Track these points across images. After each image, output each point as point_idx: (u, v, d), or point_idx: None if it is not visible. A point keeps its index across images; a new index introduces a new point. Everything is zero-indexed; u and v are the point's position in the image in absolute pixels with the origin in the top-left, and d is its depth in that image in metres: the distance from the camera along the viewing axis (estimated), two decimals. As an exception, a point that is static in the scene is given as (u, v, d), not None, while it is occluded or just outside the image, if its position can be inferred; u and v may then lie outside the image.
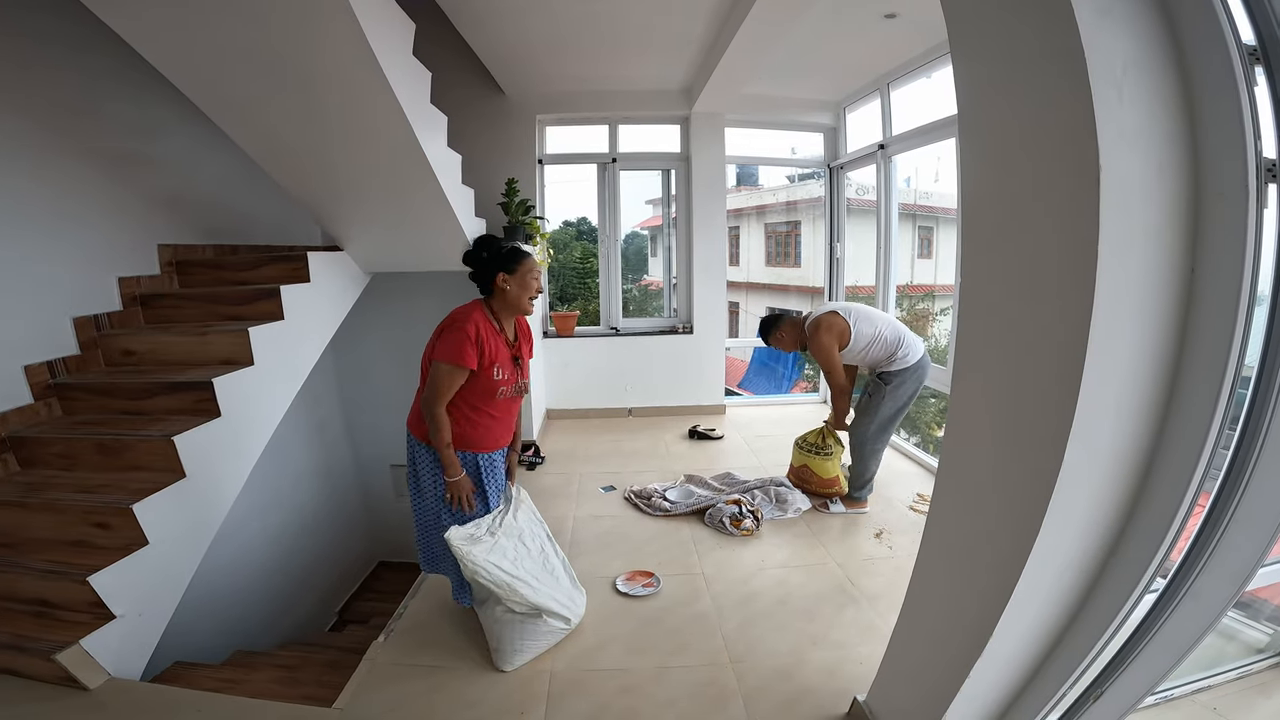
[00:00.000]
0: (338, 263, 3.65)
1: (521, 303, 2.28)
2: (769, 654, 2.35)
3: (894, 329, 3.34)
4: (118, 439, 2.46)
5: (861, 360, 3.41)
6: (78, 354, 2.80)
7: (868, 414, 3.39)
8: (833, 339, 3.29)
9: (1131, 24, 1.08)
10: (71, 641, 2.01)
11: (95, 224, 2.92)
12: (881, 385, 3.32)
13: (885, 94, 4.73)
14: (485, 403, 2.28)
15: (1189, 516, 1.20)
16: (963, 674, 1.50)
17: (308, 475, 4.84)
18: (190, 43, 2.21)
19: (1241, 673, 2.11)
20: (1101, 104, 1.04)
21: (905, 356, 3.27)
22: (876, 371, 3.38)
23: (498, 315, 2.29)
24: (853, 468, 3.56)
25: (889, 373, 3.30)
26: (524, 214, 4.51)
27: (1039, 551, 1.28)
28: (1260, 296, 1.08)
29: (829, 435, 3.67)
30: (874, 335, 3.30)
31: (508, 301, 2.27)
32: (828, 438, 3.67)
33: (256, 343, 2.84)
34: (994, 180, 1.38)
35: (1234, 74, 1.03)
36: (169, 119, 3.20)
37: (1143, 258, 1.12)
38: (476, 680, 2.24)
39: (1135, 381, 1.19)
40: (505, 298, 2.26)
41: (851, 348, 3.31)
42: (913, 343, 3.31)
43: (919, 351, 3.30)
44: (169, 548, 2.36)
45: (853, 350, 3.32)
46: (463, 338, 2.14)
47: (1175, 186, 1.11)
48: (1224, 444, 1.16)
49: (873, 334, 3.30)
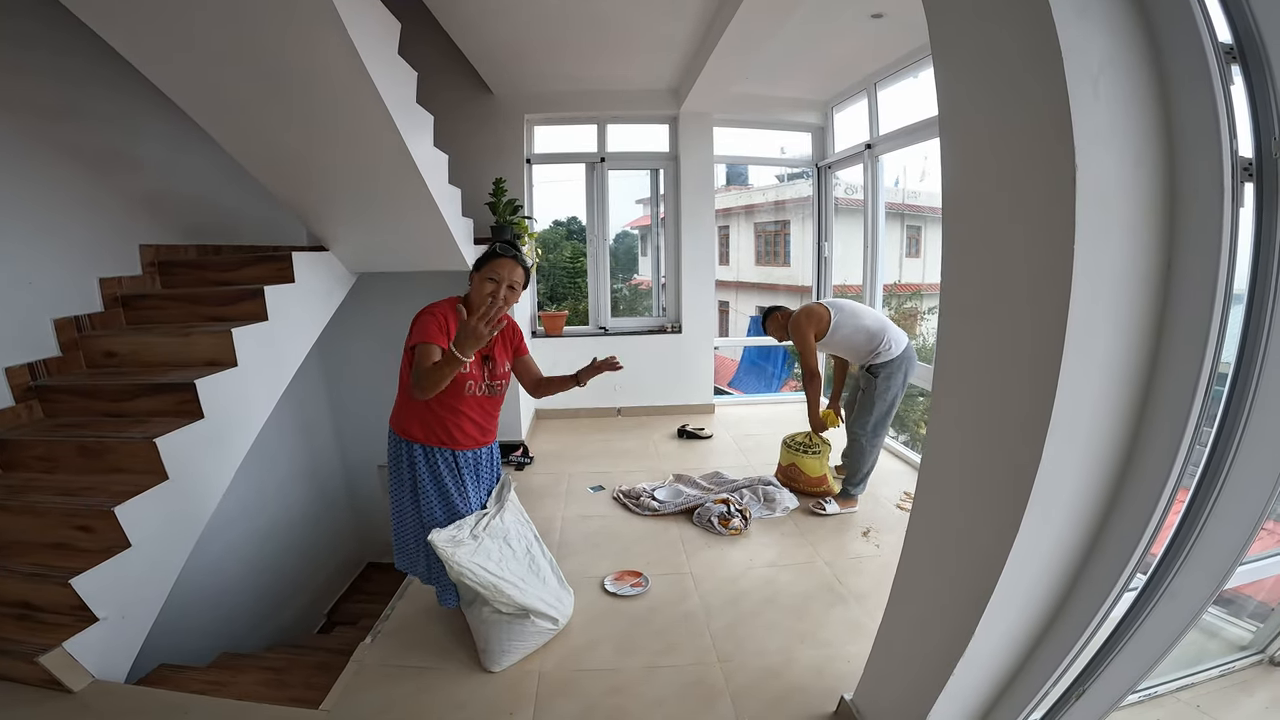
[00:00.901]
0: (323, 263, 3.62)
1: (475, 301, 2.23)
2: (757, 653, 2.35)
3: (878, 320, 3.46)
4: (99, 441, 2.43)
5: (846, 348, 3.49)
6: (59, 355, 2.76)
7: (864, 410, 3.44)
8: (810, 325, 3.42)
9: (1109, 22, 1.08)
10: (55, 644, 1.99)
11: (76, 224, 2.88)
12: (872, 379, 3.38)
13: (872, 94, 4.75)
14: (456, 399, 2.28)
15: (1168, 513, 1.21)
16: (946, 673, 1.50)
17: (295, 476, 4.80)
18: (170, 42, 2.18)
19: (1225, 670, 2.13)
20: (1078, 102, 1.04)
21: (890, 348, 3.35)
22: (865, 365, 3.44)
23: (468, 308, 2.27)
24: (849, 463, 3.59)
25: (876, 365, 3.37)
26: (512, 213, 4.50)
27: (1019, 549, 1.28)
28: (1236, 295, 1.09)
29: (814, 438, 3.72)
30: (855, 325, 3.41)
31: (470, 298, 2.28)
32: (814, 436, 3.71)
33: (240, 344, 2.81)
34: (973, 178, 1.39)
35: (1210, 73, 1.04)
36: (150, 117, 3.16)
37: (1119, 255, 1.12)
38: (465, 681, 2.23)
39: (1113, 379, 1.20)
40: (469, 295, 2.28)
41: (831, 335, 3.41)
42: (896, 334, 3.40)
43: (902, 343, 3.39)
44: (152, 550, 2.33)
45: (833, 338, 3.42)
46: (429, 320, 2.16)
47: (1151, 184, 1.11)
48: (1201, 441, 1.16)
49: (854, 324, 3.42)
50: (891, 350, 3.35)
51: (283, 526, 4.54)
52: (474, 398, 2.32)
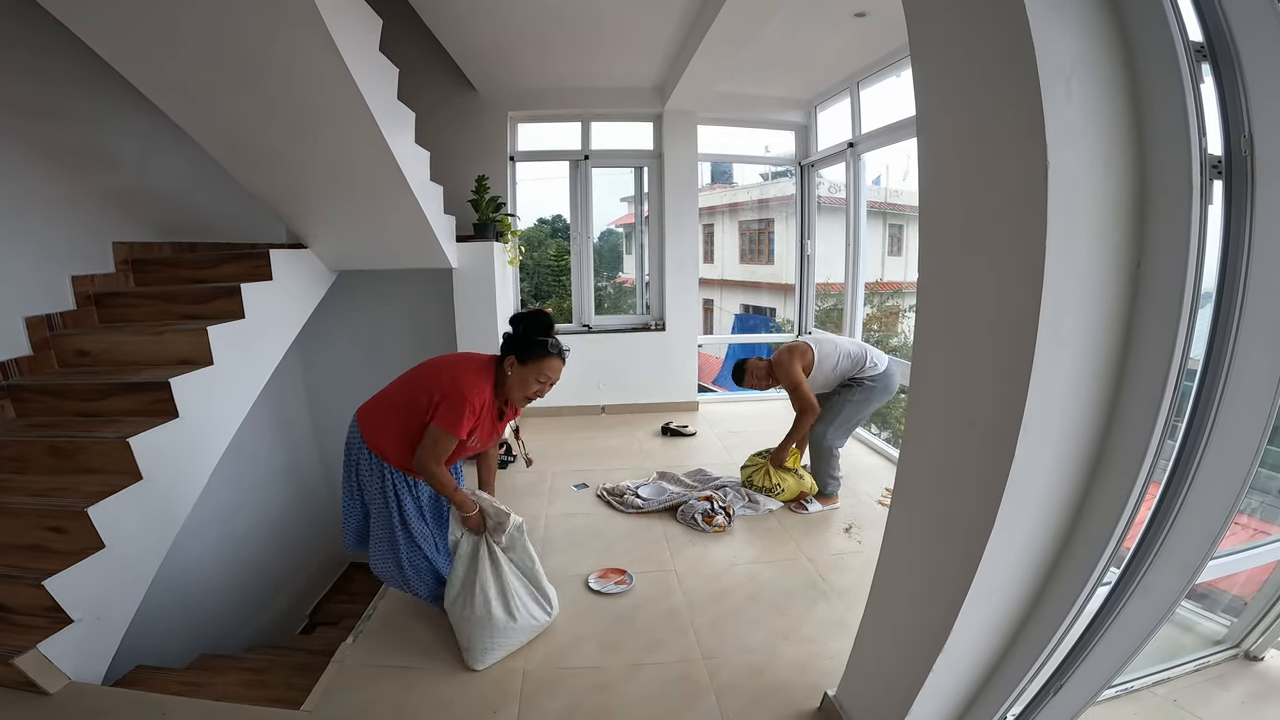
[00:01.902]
0: (302, 260, 3.58)
1: (514, 396, 2.29)
2: (741, 650, 2.36)
3: (858, 345, 3.53)
4: (71, 441, 2.40)
5: (835, 376, 3.46)
6: (30, 354, 2.71)
7: (831, 411, 3.46)
8: (796, 359, 3.39)
9: (1081, 21, 1.09)
10: (29, 646, 1.97)
11: (48, 221, 2.82)
12: (852, 387, 3.41)
13: (855, 93, 4.77)
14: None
15: (1139, 506, 1.23)
16: (926, 668, 1.51)
17: (275, 475, 4.74)
18: (147, 38, 2.15)
19: (1200, 664, 2.15)
20: (1050, 99, 1.05)
21: (874, 366, 3.39)
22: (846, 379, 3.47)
23: (497, 389, 2.29)
24: (816, 471, 3.60)
25: (859, 379, 3.40)
26: (494, 211, 4.48)
27: (994, 545, 1.29)
28: (1205, 293, 1.10)
29: (774, 474, 3.58)
30: (838, 353, 3.44)
31: (507, 385, 2.28)
32: (773, 476, 3.58)
33: (216, 342, 2.78)
34: (948, 176, 1.40)
35: (1180, 71, 1.05)
36: (125, 114, 3.10)
37: (1090, 253, 1.13)
38: (448, 680, 2.21)
39: (1084, 375, 1.21)
40: (506, 381, 2.27)
41: (819, 367, 3.41)
42: (878, 355, 3.46)
43: (885, 360, 3.44)
44: (127, 551, 2.31)
45: (821, 370, 3.42)
46: (464, 413, 2.15)
47: (1122, 183, 1.13)
48: (1171, 435, 1.18)
49: (836, 352, 3.44)
50: (877, 367, 3.41)
51: (262, 526, 4.49)
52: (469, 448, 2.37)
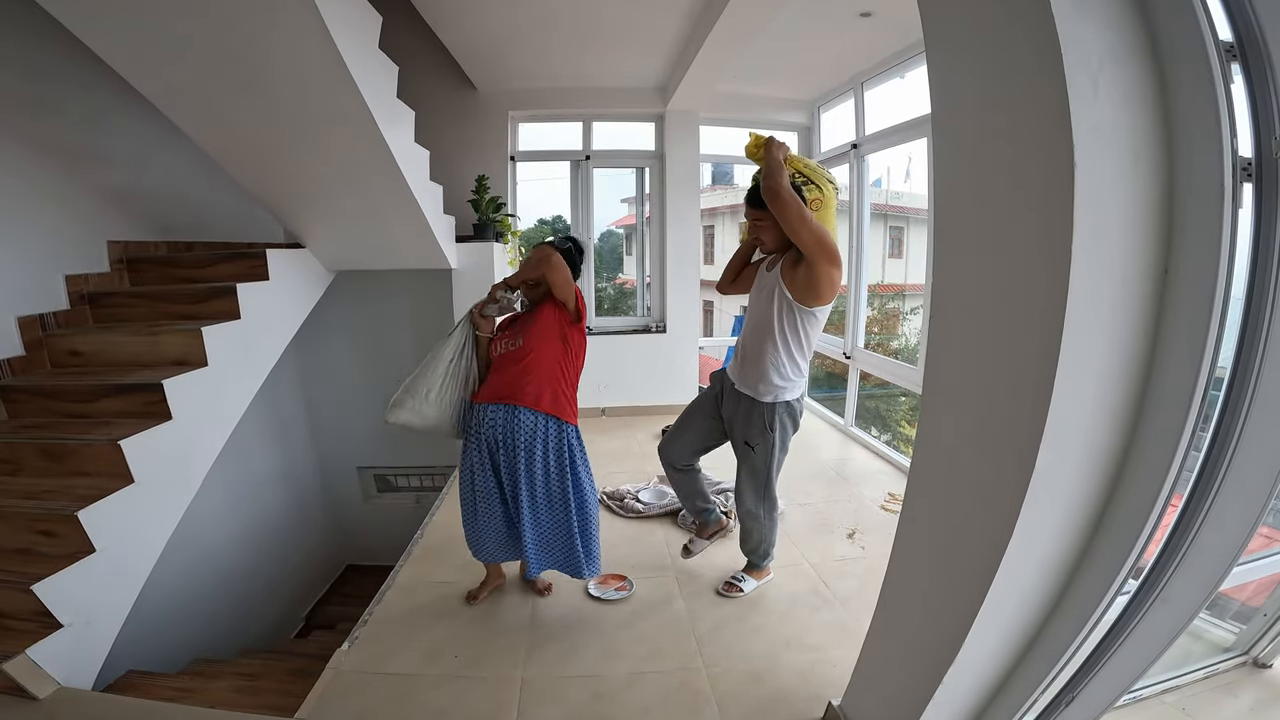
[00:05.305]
0: (299, 260, 3.54)
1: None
2: (743, 657, 2.33)
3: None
4: (62, 443, 2.36)
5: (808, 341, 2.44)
6: (22, 355, 2.67)
7: (750, 481, 2.59)
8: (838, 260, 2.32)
9: (1108, 18, 1.06)
10: (18, 650, 1.93)
11: (41, 219, 2.78)
12: (758, 442, 2.51)
13: (859, 93, 4.74)
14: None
15: (1162, 518, 1.19)
16: (937, 679, 1.48)
17: (271, 478, 4.71)
18: (143, 36, 2.12)
19: (1209, 672, 2.13)
20: (1076, 98, 1.02)
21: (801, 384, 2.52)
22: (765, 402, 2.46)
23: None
24: (751, 545, 2.74)
25: (777, 405, 2.46)
26: (494, 211, 4.44)
27: (1012, 555, 1.26)
28: (1234, 297, 1.07)
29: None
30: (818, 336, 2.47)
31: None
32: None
33: (211, 343, 2.73)
34: (967, 176, 1.36)
35: (1211, 71, 1.02)
36: (121, 112, 3.07)
37: (1117, 256, 1.10)
38: (445, 688, 2.18)
39: (1109, 381, 1.17)
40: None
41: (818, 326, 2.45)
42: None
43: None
44: (118, 555, 2.26)
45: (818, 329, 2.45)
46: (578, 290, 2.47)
47: (1150, 184, 1.09)
48: (1196, 446, 1.15)
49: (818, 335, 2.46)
50: (801, 384, 2.52)
51: (257, 529, 4.45)
52: (499, 356, 2.48)
